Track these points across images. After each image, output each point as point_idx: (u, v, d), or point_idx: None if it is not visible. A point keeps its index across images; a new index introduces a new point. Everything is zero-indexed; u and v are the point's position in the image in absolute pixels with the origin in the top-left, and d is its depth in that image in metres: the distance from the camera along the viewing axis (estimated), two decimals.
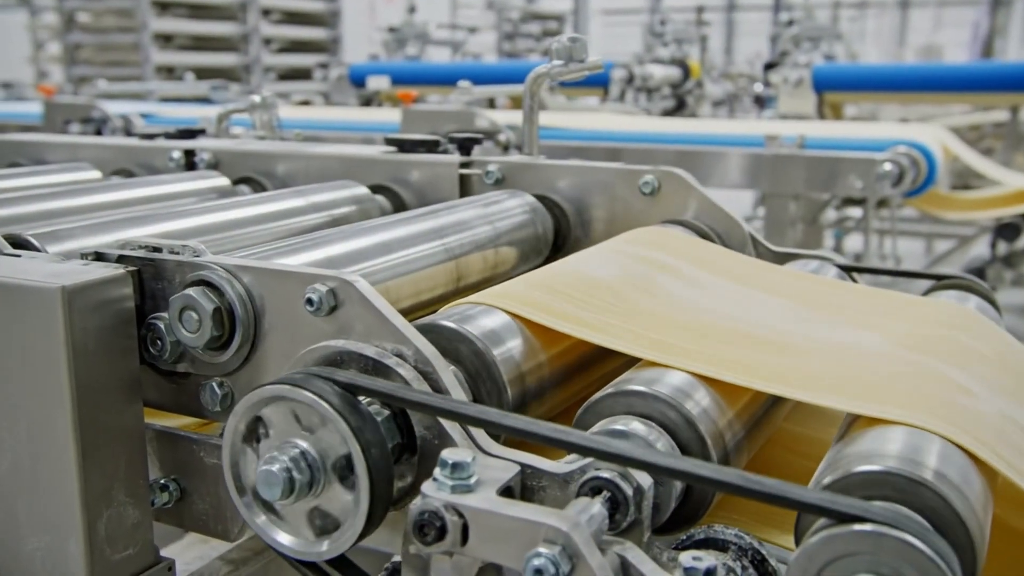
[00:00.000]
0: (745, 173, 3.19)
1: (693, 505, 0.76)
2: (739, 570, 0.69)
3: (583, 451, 0.66)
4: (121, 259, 0.84)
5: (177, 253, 0.83)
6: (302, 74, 9.00)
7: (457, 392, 0.74)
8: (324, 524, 0.71)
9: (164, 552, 0.90)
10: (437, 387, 0.73)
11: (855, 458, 0.70)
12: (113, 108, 4.31)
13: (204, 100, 5.08)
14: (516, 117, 4.12)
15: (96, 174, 1.62)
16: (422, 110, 3.75)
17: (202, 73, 8.01)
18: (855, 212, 4.49)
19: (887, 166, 2.88)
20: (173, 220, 1.13)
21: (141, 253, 0.84)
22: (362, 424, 0.67)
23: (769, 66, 5.42)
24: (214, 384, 0.83)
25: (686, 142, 3.31)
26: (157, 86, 5.78)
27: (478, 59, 10.81)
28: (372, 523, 0.69)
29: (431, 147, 1.51)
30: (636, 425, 0.74)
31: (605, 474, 0.68)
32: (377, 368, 0.73)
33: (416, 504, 0.65)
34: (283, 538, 0.71)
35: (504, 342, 0.83)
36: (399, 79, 5.39)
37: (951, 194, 3.57)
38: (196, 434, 0.86)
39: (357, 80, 5.65)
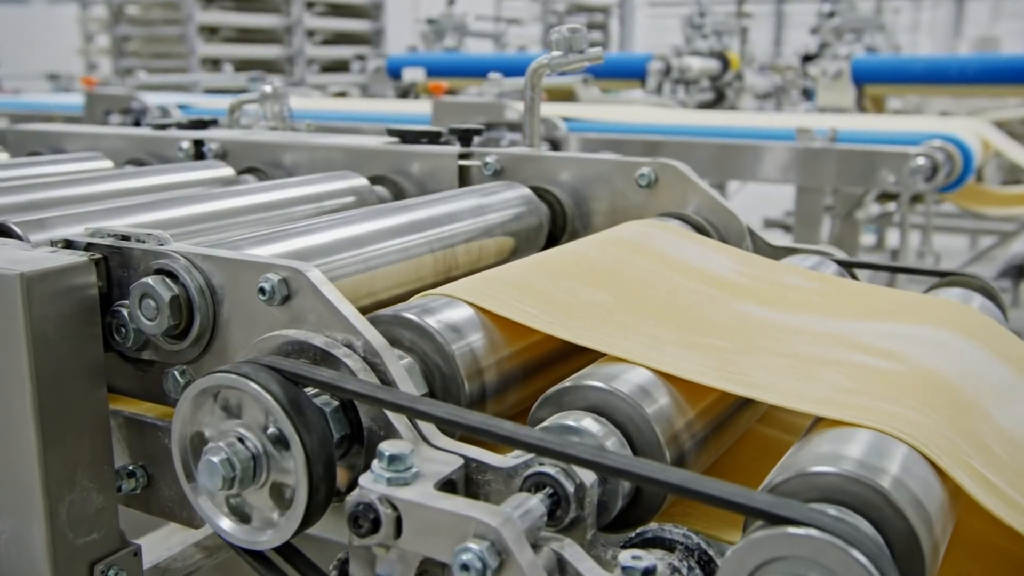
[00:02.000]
0: (776, 167, 3.14)
1: (646, 503, 0.74)
2: (685, 570, 0.68)
3: (519, 445, 0.65)
4: (89, 247, 0.84)
5: (142, 241, 0.83)
6: (345, 66, 9.05)
7: (406, 384, 0.73)
8: (267, 514, 0.71)
9: (144, 540, 0.91)
10: (385, 378, 0.72)
11: (810, 459, 0.68)
12: (152, 99, 4.37)
13: (244, 91, 5.13)
14: (551, 109, 4.10)
15: (108, 163, 1.64)
16: (452, 102, 3.75)
17: (246, 65, 8.11)
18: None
19: (920, 160, 2.81)
20: (164, 209, 1.14)
21: (109, 241, 0.84)
22: (301, 413, 0.67)
23: (808, 58, 5.32)
24: (176, 372, 0.83)
25: (715, 135, 3.27)
26: (196, 77, 5.86)
27: (523, 51, 10.78)
28: (313, 514, 0.69)
29: (433, 138, 1.51)
30: (587, 421, 0.73)
31: (548, 470, 0.67)
32: (325, 358, 0.73)
33: (352, 496, 0.65)
34: (226, 524, 0.72)
35: (465, 335, 0.82)
36: (436, 71, 5.39)
37: (990, 189, 3.47)
38: (163, 421, 0.86)
39: (394, 72, 5.67)
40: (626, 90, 5.84)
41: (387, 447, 0.65)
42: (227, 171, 1.52)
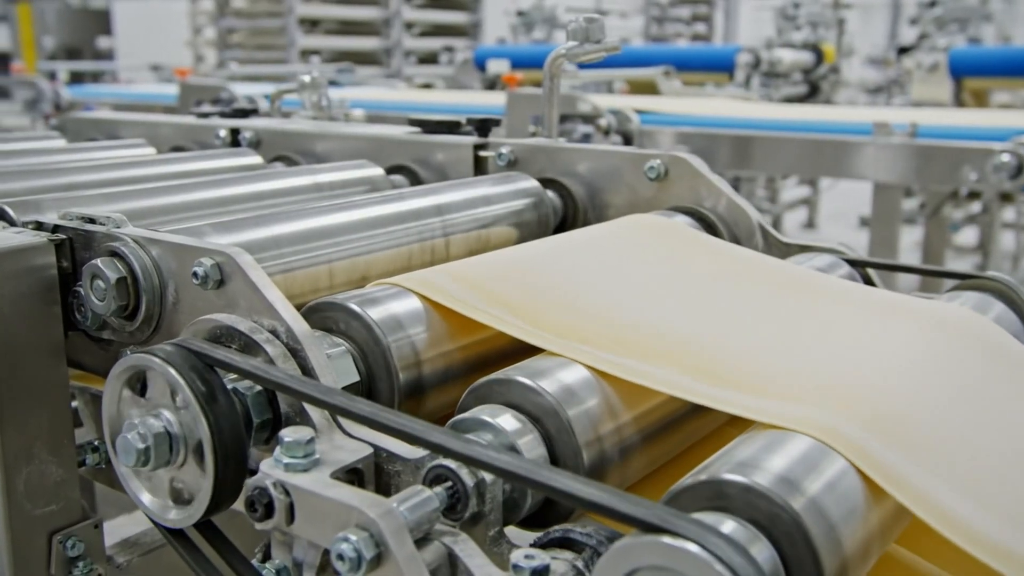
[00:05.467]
0: (853, 163, 3.02)
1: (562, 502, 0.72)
2: (588, 572, 0.66)
3: (414, 440, 0.64)
4: (57, 229, 0.87)
5: (103, 224, 0.86)
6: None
7: (326, 372, 0.73)
8: (187, 493, 0.72)
9: (131, 516, 0.94)
10: (305, 366, 0.73)
11: (727, 463, 0.65)
12: (242, 90, 4.51)
13: (332, 83, 5.24)
14: (629, 101, 4.05)
15: (150, 151, 1.70)
16: (525, 94, 3.74)
17: (345, 56, 8.28)
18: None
19: (1004, 157, 2.66)
20: (166, 196, 1.17)
21: (75, 224, 0.87)
22: (210, 394, 0.68)
23: (903, 50, 5.09)
24: (129, 352, 0.85)
25: (789, 129, 3.17)
26: (284, 69, 6.01)
27: (625, 43, 10.67)
28: (224, 495, 0.70)
29: (452, 128, 1.51)
30: (505, 417, 0.71)
31: (448, 463, 0.66)
32: (248, 343, 0.73)
33: (250, 480, 0.66)
34: (146, 499, 0.73)
35: (405, 326, 0.82)
36: (520, 63, 5.38)
37: None
38: None
39: (481, 64, 5.69)
40: (728, 85, 5.71)
41: (287, 433, 0.66)
42: (255, 159, 1.55)
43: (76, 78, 7.65)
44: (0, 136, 1.80)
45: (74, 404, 0.96)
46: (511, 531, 0.73)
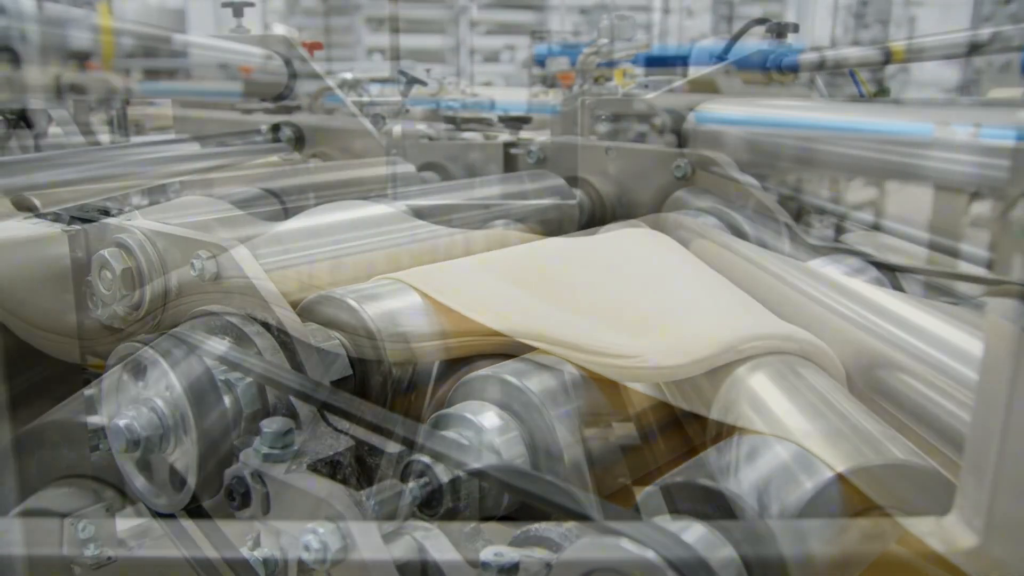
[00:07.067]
0: (912, 163, 2.93)
1: None
2: None
3: (386, 434, 0.65)
4: (73, 219, 0.90)
5: (115, 217, 0.88)
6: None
7: (314, 365, 0.74)
8: (177, 479, 0.74)
9: None
10: (294, 359, 0.74)
11: (704, 468, 0.64)
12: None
13: (389, 81, 5.29)
14: (685, 100, 4.01)
15: (194, 146, 1.73)
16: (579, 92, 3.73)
17: (411, 54, 8.35)
18: None
19: None
20: (192, 190, 1.19)
21: (90, 215, 0.90)
22: (195, 383, 0.69)
23: (975, 47, 4.92)
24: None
25: (851, 129, 3.09)
26: (344, 67, 6.11)
27: (693, 42, 10.58)
28: (209, 483, 0.71)
29: (484, 126, 1.51)
30: (487, 414, 0.71)
31: (424, 459, 0.66)
32: (241, 335, 0.74)
33: (229, 469, 0.67)
34: (138, 483, 0.75)
35: (401, 322, 0.82)
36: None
37: None
38: None
39: (541, 62, 5.67)
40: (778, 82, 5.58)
41: (267, 424, 0.67)
42: (292, 155, 1.58)
43: (150, 75, 7.86)
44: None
45: (91, 391, 0.98)
46: (494, 527, 0.73)
